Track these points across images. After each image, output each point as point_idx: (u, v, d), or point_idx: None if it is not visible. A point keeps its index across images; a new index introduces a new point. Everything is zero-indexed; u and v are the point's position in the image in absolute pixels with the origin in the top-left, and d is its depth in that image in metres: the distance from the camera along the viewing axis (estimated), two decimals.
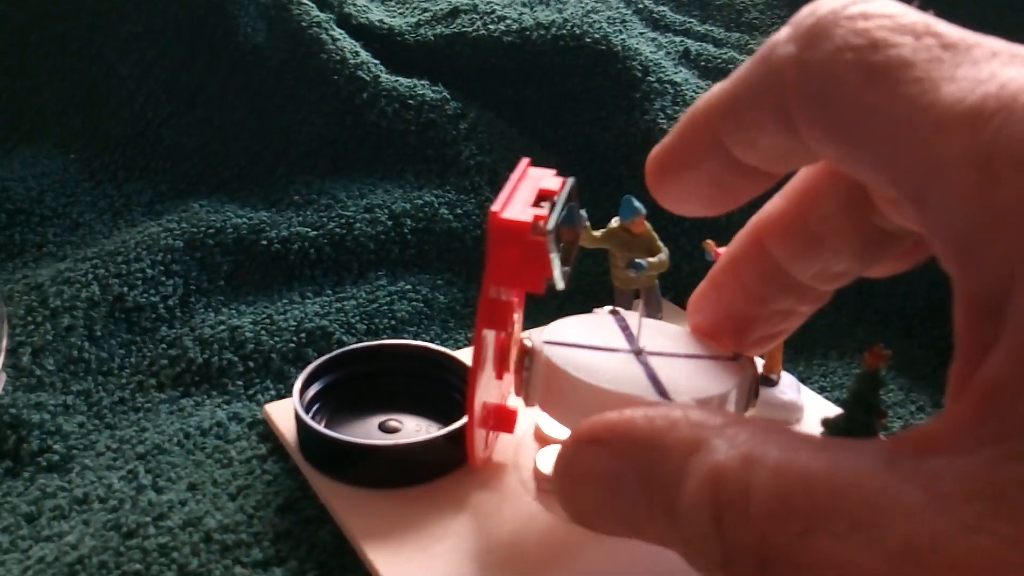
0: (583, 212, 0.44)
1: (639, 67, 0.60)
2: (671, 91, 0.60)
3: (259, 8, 0.61)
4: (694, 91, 0.62)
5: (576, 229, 0.41)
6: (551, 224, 0.34)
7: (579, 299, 0.54)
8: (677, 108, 0.60)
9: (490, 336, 0.36)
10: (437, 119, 0.60)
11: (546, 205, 0.37)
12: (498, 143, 0.61)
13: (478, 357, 0.35)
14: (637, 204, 0.45)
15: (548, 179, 0.39)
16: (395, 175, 0.59)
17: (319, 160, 0.59)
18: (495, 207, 0.34)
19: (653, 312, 0.49)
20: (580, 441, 0.27)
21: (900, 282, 0.54)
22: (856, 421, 0.39)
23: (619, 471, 0.25)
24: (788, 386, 0.46)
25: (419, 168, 0.59)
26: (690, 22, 0.75)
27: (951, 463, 0.19)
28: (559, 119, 0.62)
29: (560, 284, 0.36)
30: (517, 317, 0.42)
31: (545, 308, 0.53)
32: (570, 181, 0.39)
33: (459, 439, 0.38)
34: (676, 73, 0.62)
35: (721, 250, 0.45)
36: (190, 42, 0.60)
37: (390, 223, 0.55)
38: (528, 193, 0.37)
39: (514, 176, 0.38)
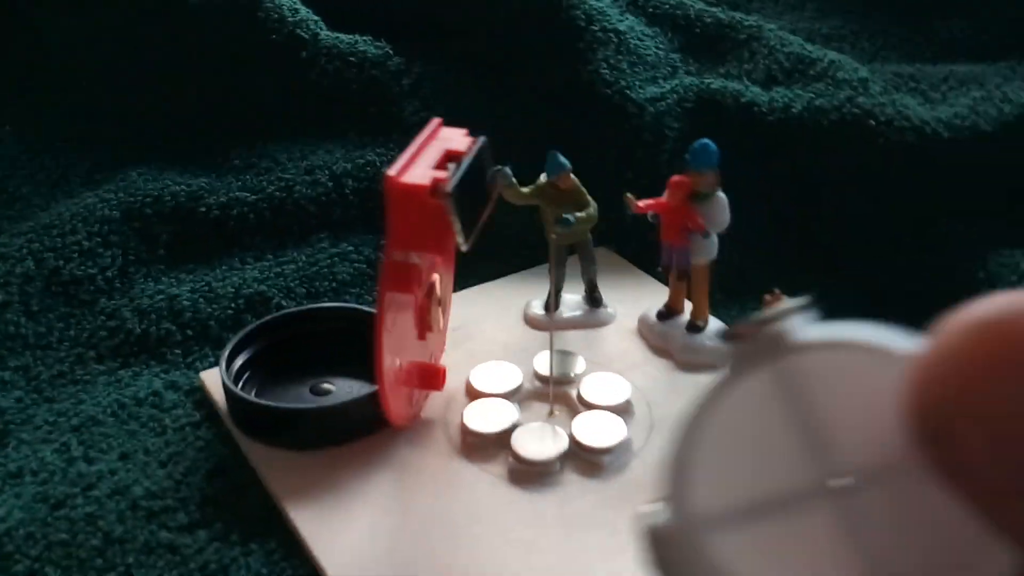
0: (507, 169, 0.44)
1: (583, 16, 0.60)
2: (615, 40, 0.60)
3: None
4: (638, 38, 0.61)
5: (494, 187, 0.41)
6: (450, 186, 0.35)
7: (525, 253, 0.54)
8: (620, 57, 0.59)
9: (400, 300, 0.37)
10: (379, 76, 0.60)
11: (452, 167, 0.37)
12: (443, 98, 0.61)
13: (381, 320, 0.35)
14: (562, 159, 0.45)
15: (457, 140, 0.39)
16: (337, 135, 0.59)
17: (260, 123, 0.59)
18: (391, 171, 0.35)
19: (587, 264, 0.49)
20: None
21: (832, 228, 0.55)
22: None
23: None
24: (715, 332, 0.47)
25: (362, 127, 0.59)
26: None
27: None
28: (505, 72, 0.62)
29: (464, 246, 0.36)
30: (442, 278, 0.42)
31: (486, 262, 0.53)
32: (480, 141, 0.39)
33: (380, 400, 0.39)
34: (621, 21, 0.62)
35: (642, 203, 0.45)
36: (126, 9, 0.60)
37: (331, 184, 0.55)
38: (434, 154, 0.37)
39: (420, 138, 0.38)
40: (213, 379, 0.43)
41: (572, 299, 0.50)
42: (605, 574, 0.34)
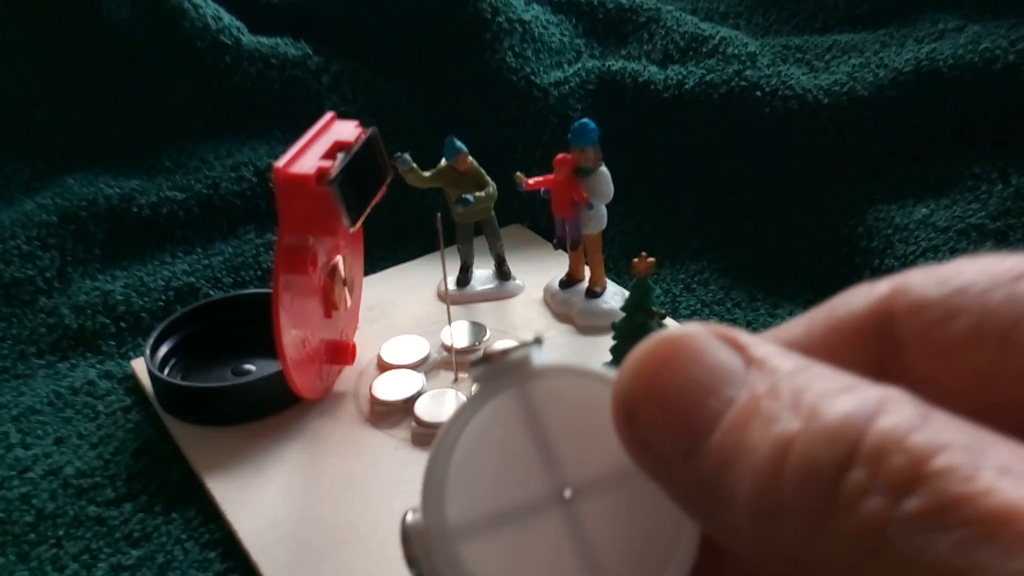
0: (407, 155, 0.48)
1: (489, 8, 0.63)
2: (520, 29, 0.63)
3: None
4: (543, 26, 0.65)
5: (387, 175, 0.44)
6: (334, 173, 0.38)
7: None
8: (525, 45, 0.63)
9: (295, 281, 0.40)
10: (300, 75, 0.64)
11: (341, 156, 0.40)
12: (362, 92, 0.64)
13: (278, 299, 0.39)
14: (459, 144, 0.49)
15: (347, 131, 0.42)
16: (263, 133, 0.62)
17: (190, 126, 0.62)
18: (279, 163, 0.38)
19: (493, 240, 0.53)
20: None
21: (726, 193, 0.58)
22: (635, 322, 0.43)
23: None
24: (612, 295, 0.50)
25: (285, 123, 0.62)
26: None
27: None
28: (419, 65, 0.65)
29: (350, 226, 0.40)
30: (347, 260, 0.46)
31: (404, 245, 0.57)
32: (369, 131, 0.43)
33: None
34: (526, 11, 0.65)
35: (531, 180, 0.49)
36: (56, 22, 0.63)
37: (255, 179, 0.59)
38: (324, 145, 0.41)
39: (312, 130, 0.41)
40: (143, 366, 0.47)
41: (483, 273, 0.54)
42: None
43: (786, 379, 0.18)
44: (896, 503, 0.15)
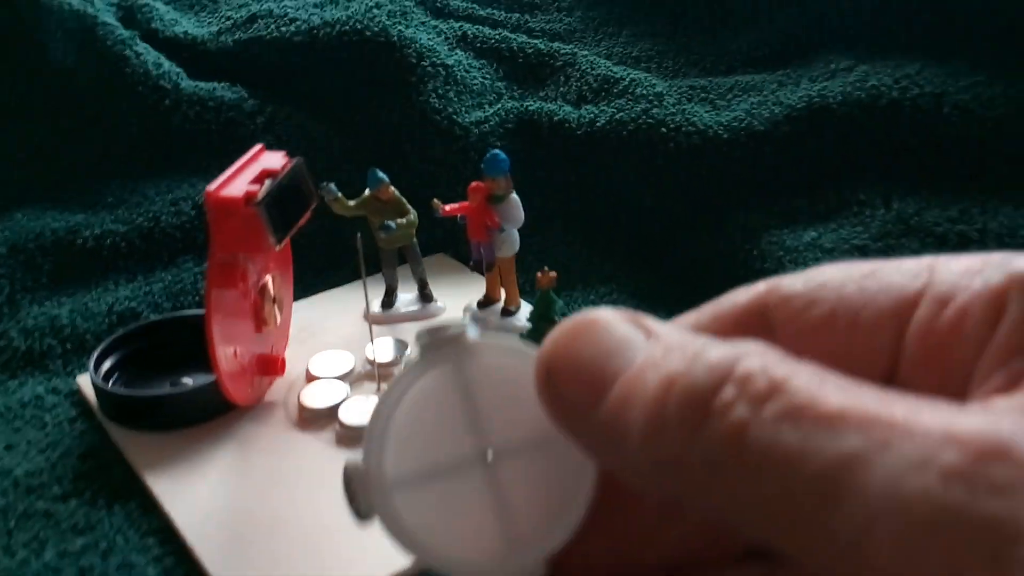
0: (332, 185, 0.52)
1: (414, 54, 0.68)
2: (443, 72, 0.68)
3: (67, 33, 0.69)
4: (465, 70, 0.70)
5: (310, 202, 0.49)
6: (260, 197, 0.42)
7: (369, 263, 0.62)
8: (448, 87, 0.68)
9: (226, 295, 0.44)
10: (236, 117, 0.68)
11: (268, 182, 0.44)
12: (295, 133, 0.68)
13: (210, 313, 0.43)
14: (380, 174, 0.53)
15: (275, 160, 0.47)
16: (201, 170, 0.66)
17: (133, 164, 0.66)
18: (210, 187, 0.42)
19: (415, 265, 0.57)
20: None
21: (633, 221, 0.63)
22: (540, 331, 0.47)
23: None
24: (526, 314, 0.55)
25: (223, 161, 0.65)
26: (472, 7, 0.83)
27: None
28: (350, 106, 0.70)
29: (276, 245, 0.44)
30: (276, 279, 0.50)
31: (333, 272, 0.61)
32: (295, 160, 0.47)
33: None
34: (449, 56, 0.70)
35: (448, 207, 0.53)
36: (3, 67, 0.67)
37: (193, 212, 0.63)
38: (253, 172, 0.45)
39: (242, 159, 0.46)
40: (87, 381, 0.50)
41: (407, 297, 0.58)
42: None
43: (678, 342, 0.23)
44: (757, 410, 0.20)
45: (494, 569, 0.28)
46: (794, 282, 0.26)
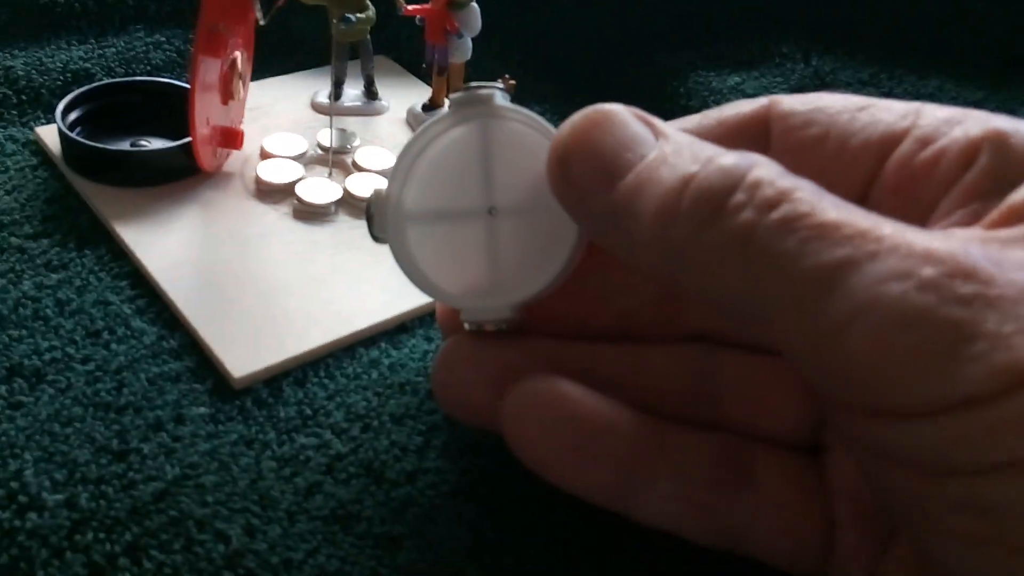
0: None
1: None
2: None
3: None
4: None
5: None
6: None
7: (316, 54, 0.64)
8: None
9: (209, 64, 0.47)
10: None
11: None
12: None
13: (195, 79, 0.45)
14: None
15: None
16: None
17: None
18: None
19: (366, 61, 0.59)
20: None
21: (569, 52, 0.67)
22: None
23: None
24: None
25: None
26: None
27: None
28: None
29: (262, 20, 0.46)
30: (243, 56, 0.52)
31: (281, 59, 0.63)
32: None
33: (191, 150, 0.49)
34: None
35: (411, 7, 0.56)
36: None
37: None
38: None
39: None
40: (47, 132, 0.52)
41: (353, 92, 0.61)
42: (361, 279, 0.46)
43: (687, 144, 0.27)
44: (763, 215, 0.24)
45: (475, 303, 0.33)
46: (794, 102, 0.31)
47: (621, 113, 0.28)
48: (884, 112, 0.29)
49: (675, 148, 0.27)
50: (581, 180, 0.28)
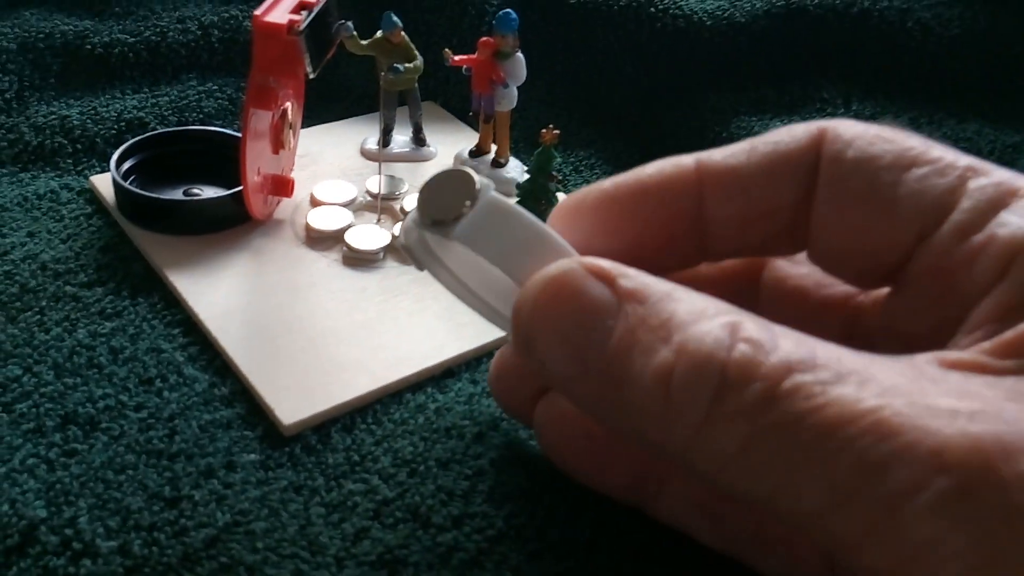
0: (349, 24, 0.55)
1: None
2: None
3: None
4: None
5: (336, 36, 0.52)
6: (302, 26, 0.45)
7: (364, 102, 0.65)
8: None
9: (260, 115, 0.48)
10: None
11: (305, 13, 0.47)
12: None
13: (246, 130, 0.46)
14: (395, 18, 0.56)
15: None
16: None
17: None
18: (258, 11, 0.45)
19: (414, 109, 0.60)
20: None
21: (615, 92, 0.67)
22: (537, 183, 0.52)
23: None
24: (513, 167, 0.59)
25: None
26: None
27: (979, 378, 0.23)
28: None
29: (311, 73, 0.47)
30: (293, 106, 0.53)
31: (331, 107, 0.64)
32: None
33: (242, 199, 0.50)
34: None
35: (458, 58, 0.56)
36: None
37: (199, 32, 0.65)
38: (291, 3, 0.48)
39: None
40: (102, 181, 0.54)
41: (401, 139, 0.61)
42: (409, 324, 0.46)
43: (653, 311, 0.25)
44: (759, 418, 0.23)
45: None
46: (847, 135, 0.29)
47: (574, 277, 0.27)
48: (932, 178, 0.28)
49: (641, 317, 0.26)
50: (551, 364, 0.27)
